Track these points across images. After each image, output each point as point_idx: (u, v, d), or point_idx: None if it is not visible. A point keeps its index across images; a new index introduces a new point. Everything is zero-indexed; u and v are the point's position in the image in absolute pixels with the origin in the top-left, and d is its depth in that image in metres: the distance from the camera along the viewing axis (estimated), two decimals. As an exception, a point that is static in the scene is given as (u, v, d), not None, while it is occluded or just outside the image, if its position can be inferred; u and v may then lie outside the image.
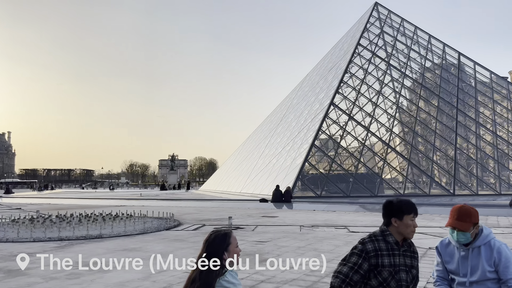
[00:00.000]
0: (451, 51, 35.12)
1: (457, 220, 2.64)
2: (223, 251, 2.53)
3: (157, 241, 8.35)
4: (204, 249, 2.56)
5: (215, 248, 2.53)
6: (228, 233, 2.61)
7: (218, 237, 2.57)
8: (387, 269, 2.54)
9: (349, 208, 16.13)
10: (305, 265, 5.79)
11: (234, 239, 2.60)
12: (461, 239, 2.64)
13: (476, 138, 29.01)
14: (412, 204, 2.65)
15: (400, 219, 2.63)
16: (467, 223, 2.63)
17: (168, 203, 21.76)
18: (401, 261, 2.59)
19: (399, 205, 2.67)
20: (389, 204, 2.71)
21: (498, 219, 11.99)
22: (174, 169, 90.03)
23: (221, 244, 2.54)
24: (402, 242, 2.65)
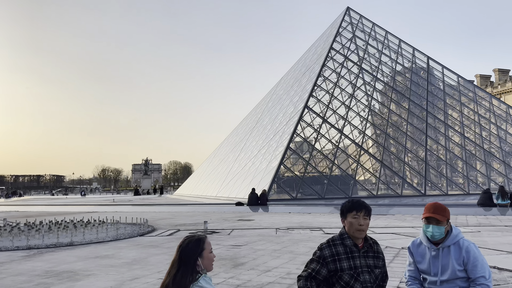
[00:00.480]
0: (420, 55, 36.17)
1: (433, 213, 2.71)
2: (197, 257, 2.50)
3: (130, 247, 8.18)
4: (178, 254, 2.53)
5: (189, 254, 2.50)
6: (202, 239, 2.59)
7: (191, 243, 2.55)
8: (347, 272, 2.56)
9: (324, 210, 16.30)
10: (280, 268, 5.80)
11: (208, 245, 2.58)
12: (436, 233, 2.70)
13: (445, 140, 29.92)
14: (354, 202, 2.69)
15: (345, 219, 2.68)
16: (443, 216, 2.71)
17: (142, 209, 21.40)
18: (362, 262, 2.60)
19: (342, 205, 2.73)
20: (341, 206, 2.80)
21: (467, 218, 12.37)
22: (148, 174, 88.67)
23: (195, 249, 2.52)
24: (362, 243, 2.68)
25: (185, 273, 2.46)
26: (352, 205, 2.69)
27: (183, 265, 2.48)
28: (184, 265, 2.48)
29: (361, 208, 2.68)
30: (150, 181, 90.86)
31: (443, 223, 2.70)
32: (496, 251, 6.72)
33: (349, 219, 2.66)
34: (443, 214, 2.71)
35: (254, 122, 39.47)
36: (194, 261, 2.49)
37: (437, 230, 2.70)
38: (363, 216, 2.65)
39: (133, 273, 5.83)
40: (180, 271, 2.47)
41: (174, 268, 2.50)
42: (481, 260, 2.63)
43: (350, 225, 2.65)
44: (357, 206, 2.68)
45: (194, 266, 2.48)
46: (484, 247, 7.02)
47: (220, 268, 5.86)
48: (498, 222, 11.18)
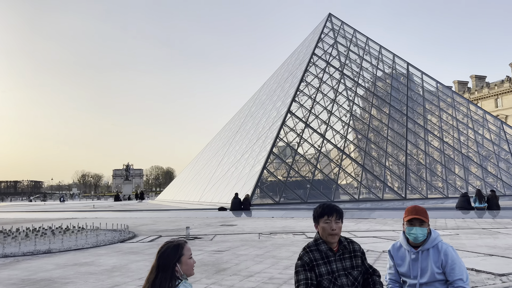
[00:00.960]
0: (400, 61, 36.84)
1: (417, 214, 2.76)
2: (175, 262, 2.48)
3: (110, 254, 8.03)
4: (156, 260, 2.51)
5: (167, 260, 2.48)
6: (181, 244, 2.57)
7: (169, 248, 2.53)
8: (325, 277, 2.57)
9: (307, 214, 16.36)
10: (263, 273, 5.79)
11: (187, 250, 2.56)
12: (420, 235, 2.74)
13: (425, 144, 30.48)
14: (325, 207, 2.70)
15: (318, 224, 2.70)
16: (426, 217, 2.77)
17: (123, 214, 21.08)
18: (338, 266, 2.62)
19: (314, 210, 2.74)
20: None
21: (446, 221, 12.60)
22: (129, 179, 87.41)
23: (173, 255, 2.50)
24: (337, 247, 2.70)
25: (164, 279, 2.44)
26: (323, 210, 2.69)
27: (161, 271, 2.46)
28: (163, 271, 2.46)
29: (332, 212, 2.68)
30: (131, 186, 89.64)
31: (426, 224, 2.76)
32: (474, 253, 6.86)
33: (321, 224, 2.67)
34: (425, 216, 2.77)
35: (237, 127, 39.45)
36: (172, 267, 2.47)
37: (421, 231, 2.75)
38: (335, 220, 2.66)
39: (113, 280, 5.72)
40: (158, 277, 2.45)
41: (152, 274, 2.48)
42: (459, 263, 2.68)
43: (322, 230, 2.66)
44: (328, 210, 2.69)
45: (172, 272, 2.46)
46: (463, 250, 7.16)
47: (202, 274, 5.81)
48: (475, 225, 11.43)
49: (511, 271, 5.44)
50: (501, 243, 7.97)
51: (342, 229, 2.74)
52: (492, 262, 6.07)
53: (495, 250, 7.11)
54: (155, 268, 2.48)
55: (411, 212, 2.78)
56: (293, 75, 33.42)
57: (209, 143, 48.55)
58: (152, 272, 2.49)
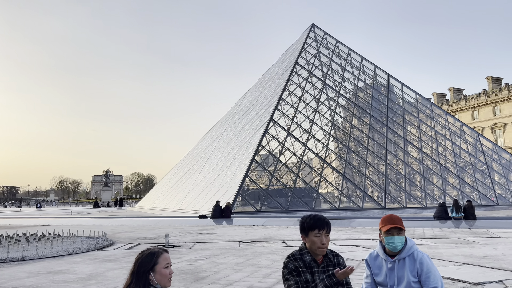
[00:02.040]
0: (381, 72, 37.54)
1: (395, 223, 2.77)
2: (149, 271, 2.44)
3: (87, 262, 7.85)
4: (133, 267, 2.49)
5: (140, 267, 2.45)
6: (157, 252, 2.51)
7: (144, 256, 2.50)
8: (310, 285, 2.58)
9: (288, 223, 16.36)
10: (242, 282, 5.74)
11: (163, 259, 2.50)
12: (398, 243, 2.75)
13: (404, 154, 31.01)
14: (317, 221, 2.65)
15: (306, 236, 2.67)
16: (403, 226, 2.79)
17: (101, 222, 20.68)
18: (321, 277, 2.60)
19: (303, 221, 2.68)
20: (300, 220, 2.75)
21: (424, 230, 12.79)
22: (108, 186, 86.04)
23: (147, 263, 2.46)
24: (322, 258, 2.69)
25: (137, 287, 2.41)
26: (314, 223, 2.64)
27: (135, 278, 2.44)
28: (137, 278, 2.43)
29: (323, 226, 2.65)
30: (111, 193, 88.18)
31: (403, 232, 2.79)
32: (451, 262, 6.97)
33: (311, 237, 2.63)
34: (402, 224, 2.80)
35: (219, 134, 39.36)
36: (146, 275, 2.43)
37: (399, 240, 2.77)
38: (325, 233, 2.64)
39: (88, 289, 5.58)
40: (132, 284, 2.42)
41: (128, 280, 2.46)
42: (434, 271, 2.72)
43: (312, 243, 2.62)
44: (320, 224, 2.64)
45: (146, 281, 2.42)
46: (439, 259, 7.26)
47: (181, 283, 5.72)
48: (452, 235, 11.63)
49: (486, 280, 5.54)
50: (477, 252, 8.13)
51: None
52: (468, 271, 6.17)
53: (471, 259, 7.24)
54: (131, 275, 2.46)
55: (389, 222, 2.80)
56: (276, 84, 33.63)
57: (190, 150, 48.26)
58: (128, 278, 2.47)
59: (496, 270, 6.23)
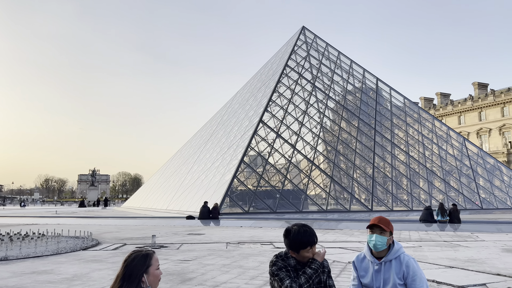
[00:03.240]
0: (370, 76, 37.86)
1: (378, 222, 2.81)
2: (142, 273, 2.41)
3: (71, 262, 7.74)
4: (122, 270, 2.42)
5: (134, 270, 2.40)
6: (150, 254, 2.49)
7: (138, 258, 2.45)
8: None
9: (275, 224, 16.39)
10: (229, 283, 5.73)
11: (155, 261, 2.49)
12: (379, 243, 2.78)
13: (392, 158, 31.31)
14: (308, 237, 2.67)
15: (297, 253, 2.70)
16: (387, 227, 2.82)
17: (87, 221, 20.44)
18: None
19: (294, 239, 2.68)
20: (287, 235, 2.72)
21: (410, 233, 12.92)
22: (94, 185, 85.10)
23: (141, 265, 2.42)
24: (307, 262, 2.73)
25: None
26: (307, 241, 2.66)
27: (126, 281, 2.38)
28: (128, 281, 2.38)
29: (314, 241, 2.70)
30: (97, 192, 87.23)
31: (386, 234, 2.81)
32: (435, 265, 7.05)
33: (303, 254, 2.67)
34: (386, 225, 2.82)
35: (208, 135, 39.25)
36: (139, 278, 2.39)
37: (380, 239, 2.80)
38: (314, 246, 2.72)
39: (73, 289, 5.51)
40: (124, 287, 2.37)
41: (117, 284, 2.39)
42: (420, 274, 2.75)
43: (303, 258, 2.69)
44: (312, 240, 2.68)
45: (138, 283, 2.39)
46: (425, 262, 7.35)
47: (167, 284, 5.68)
48: (437, 238, 11.77)
49: (470, 283, 5.61)
50: (461, 255, 8.24)
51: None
52: (453, 274, 6.26)
53: (455, 262, 7.34)
54: (120, 277, 2.40)
55: (374, 220, 2.86)
56: (266, 85, 33.68)
57: (179, 150, 48.01)
58: (116, 281, 2.41)
59: (479, 273, 6.33)
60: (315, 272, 2.62)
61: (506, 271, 6.48)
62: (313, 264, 2.65)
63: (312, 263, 2.65)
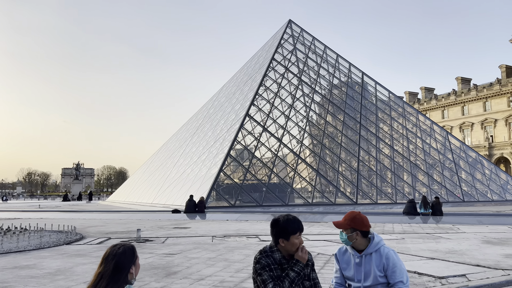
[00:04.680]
0: (356, 70, 38.08)
1: (342, 220, 2.89)
2: (132, 265, 2.42)
3: (55, 256, 7.66)
4: (111, 263, 2.40)
5: (126, 262, 2.40)
6: (134, 246, 2.54)
7: (127, 250, 2.45)
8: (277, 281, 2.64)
9: (261, 217, 16.46)
10: (214, 276, 5.75)
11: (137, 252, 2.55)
12: (342, 238, 2.90)
13: (376, 151, 31.66)
14: (297, 223, 2.74)
15: (287, 240, 2.72)
16: (345, 224, 2.88)
17: (71, 215, 20.22)
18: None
19: (284, 225, 2.72)
20: (275, 224, 2.78)
21: (393, 226, 13.13)
22: (79, 178, 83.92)
23: (131, 257, 2.43)
24: (290, 256, 2.76)
25: (115, 284, 2.35)
26: (297, 226, 2.71)
27: (117, 275, 2.36)
28: (118, 274, 2.36)
29: (302, 228, 2.76)
30: (81, 186, 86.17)
31: (348, 231, 2.88)
32: (417, 257, 7.19)
33: (292, 240, 2.69)
34: (347, 223, 2.88)
35: (194, 128, 39.05)
36: (128, 270, 2.39)
37: (343, 236, 2.90)
38: (301, 234, 2.76)
39: (56, 284, 5.46)
40: (111, 283, 2.34)
41: (105, 279, 2.36)
42: (400, 266, 2.80)
43: (293, 245, 2.69)
44: (301, 226, 2.74)
45: (126, 276, 2.38)
46: (407, 253, 7.48)
47: (152, 277, 5.68)
48: (420, 230, 11.99)
49: (450, 274, 5.74)
50: (443, 247, 8.41)
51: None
52: (434, 265, 6.39)
53: (437, 254, 7.49)
54: (110, 272, 2.35)
55: (343, 217, 2.94)
56: (252, 79, 33.60)
57: (164, 144, 47.69)
58: (103, 277, 2.38)
59: (460, 264, 6.48)
60: (298, 275, 2.64)
61: (485, 262, 6.64)
62: (296, 267, 2.66)
63: (296, 265, 2.67)
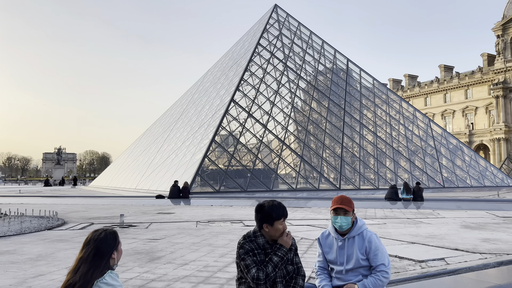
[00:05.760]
0: (341, 57, 38.11)
1: (341, 204, 2.88)
2: (113, 251, 2.40)
3: (36, 242, 7.55)
4: (92, 248, 2.38)
5: (108, 247, 2.39)
6: (116, 231, 2.53)
7: (109, 235, 2.44)
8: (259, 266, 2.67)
9: (246, 203, 16.53)
10: (198, 261, 5.76)
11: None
12: (344, 223, 2.87)
13: (360, 138, 31.98)
14: (282, 209, 2.78)
15: (271, 225, 2.74)
16: (350, 207, 2.89)
17: (53, 200, 19.94)
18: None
19: (269, 211, 2.75)
20: (260, 209, 2.80)
21: (375, 211, 13.35)
22: (60, 163, 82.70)
23: (113, 242, 2.42)
24: (274, 240, 2.78)
25: (97, 269, 2.33)
26: (282, 212, 2.74)
27: (99, 260, 2.35)
28: (100, 259, 2.35)
29: (287, 213, 2.78)
30: (63, 171, 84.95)
31: (350, 213, 2.89)
32: (398, 241, 7.34)
33: (277, 226, 2.72)
34: (349, 205, 2.90)
35: (179, 113, 38.70)
36: (109, 255, 2.37)
37: (345, 220, 2.88)
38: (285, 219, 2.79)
39: (37, 269, 5.39)
40: (92, 268, 2.33)
41: (86, 264, 2.34)
42: (382, 249, 2.85)
43: (276, 231, 2.71)
44: (286, 212, 2.77)
45: (108, 261, 2.37)
46: (388, 238, 7.63)
47: (135, 263, 5.65)
48: (401, 215, 12.23)
49: (430, 257, 5.88)
50: (423, 231, 8.60)
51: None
52: (414, 250, 6.53)
53: (417, 238, 7.66)
54: (91, 257, 2.35)
55: (336, 202, 2.93)
56: (237, 64, 33.33)
57: (148, 129, 47.20)
58: (85, 262, 2.35)
59: (439, 248, 6.63)
60: (281, 259, 2.67)
61: (464, 246, 6.82)
62: (279, 251, 2.69)
63: (279, 249, 2.69)
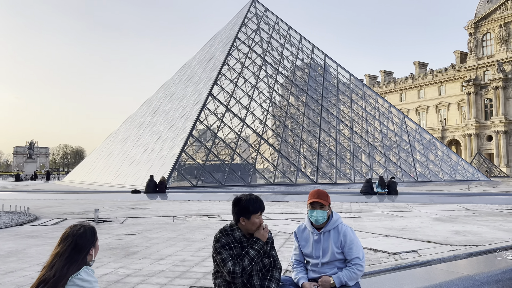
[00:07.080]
0: (318, 52, 38.38)
1: (317, 198, 2.91)
2: (91, 246, 2.37)
3: (6, 238, 7.33)
4: (70, 243, 2.33)
5: (85, 243, 2.34)
6: (94, 227, 2.48)
7: (88, 231, 2.39)
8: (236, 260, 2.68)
9: (224, 197, 16.51)
10: (175, 256, 5.72)
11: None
12: (320, 217, 2.90)
13: (336, 133, 32.37)
14: (259, 203, 2.80)
15: (248, 219, 2.75)
16: (326, 201, 2.92)
17: (24, 196, 19.38)
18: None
19: (246, 205, 2.77)
20: (237, 202, 2.80)
21: (351, 205, 13.57)
22: (32, 158, 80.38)
23: (91, 238, 2.38)
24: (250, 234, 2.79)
25: (73, 264, 2.28)
26: (259, 206, 2.76)
27: (76, 255, 2.30)
28: (78, 254, 2.30)
29: (264, 207, 2.80)
30: (35, 165, 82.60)
31: (326, 207, 2.93)
32: (373, 234, 7.48)
33: (253, 219, 2.73)
34: (325, 199, 2.93)
35: (155, 107, 38.19)
36: (87, 251, 2.33)
37: (321, 214, 2.91)
38: (262, 213, 2.80)
39: (7, 266, 5.23)
40: (69, 263, 2.28)
41: (62, 260, 2.29)
42: (356, 243, 2.90)
43: (253, 224, 2.72)
44: (263, 206, 2.79)
45: (85, 257, 2.33)
46: (363, 231, 7.77)
47: (110, 258, 5.56)
48: (376, 209, 12.47)
49: (403, 250, 6.02)
50: (397, 224, 8.80)
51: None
52: (388, 242, 6.67)
53: (391, 231, 7.83)
54: (68, 252, 2.29)
55: (313, 196, 2.95)
56: (215, 58, 33.11)
57: (124, 123, 46.39)
58: (60, 257, 2.30)
59: (412, 240, 6.80)
60: (258, 253, 2.68)
61: (436, 238, 7.02)
62: (256, 245, 2.70)
63: (256, 243, 2.70)
